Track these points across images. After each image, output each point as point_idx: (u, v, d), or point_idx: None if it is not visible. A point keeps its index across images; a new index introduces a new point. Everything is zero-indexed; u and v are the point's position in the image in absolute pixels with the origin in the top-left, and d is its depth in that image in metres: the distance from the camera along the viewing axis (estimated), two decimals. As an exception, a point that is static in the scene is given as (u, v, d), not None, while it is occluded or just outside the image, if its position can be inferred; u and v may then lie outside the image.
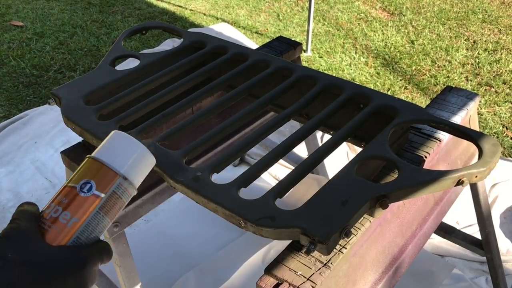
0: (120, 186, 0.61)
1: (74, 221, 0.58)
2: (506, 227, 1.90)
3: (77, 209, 0.58)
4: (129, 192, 0.62)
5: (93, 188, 0.59)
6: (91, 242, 0.59)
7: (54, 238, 0.57)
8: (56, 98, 1.11)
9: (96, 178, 0.59)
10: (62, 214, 0.58)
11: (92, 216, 0.59)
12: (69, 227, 0.57)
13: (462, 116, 1.13)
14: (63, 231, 0.57)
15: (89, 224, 0.59)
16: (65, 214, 0.57)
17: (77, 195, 0.58)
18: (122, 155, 0.62)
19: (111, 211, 0.60)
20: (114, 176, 0.60)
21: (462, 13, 3.66)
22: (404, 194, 0.80)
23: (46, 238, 0.57)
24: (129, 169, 0.61)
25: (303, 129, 0.95)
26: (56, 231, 0.57)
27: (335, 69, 2.99)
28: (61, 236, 0.57)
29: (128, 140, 0.63)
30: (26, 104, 2.67)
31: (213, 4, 3.95)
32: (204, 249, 1.77)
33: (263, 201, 0.78)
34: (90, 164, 0.61)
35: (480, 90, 2.76)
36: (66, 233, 0.57)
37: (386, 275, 0.95)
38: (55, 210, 0.58)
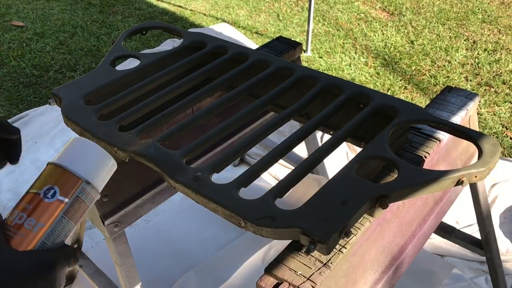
0: (84, 191, 0.61)
1: (39, 226, 0.58)
2: (505, 227, 1.90)
3: (42, 215, 0.58)
4: (92, 196, 0.63)
5: (57, 193, 0.59)
6: (57, 247, 0.59)
7: (20, 243, 0.57)
8: (56, 98, 1.11)
9: (59, 184, 0.60)
10: (27, 220, 0.58)
11: (57, 221, 0.59)
12: (34, 232, 0.58)
13: (462, 116, 1.13)
14: (28, 237, 0.57)
15: (55, 229, 0.59)
16: (30, 220, 0.58)
17: (41, 201, 0.59)
18: (83, 160, 0.62)
19: (75, 215, 0.61)
20: (77, 181, 0.61)
21: (461, 13, 3.67)
22: (404, 194, 0.80)
23: (12, 244, 0.57)
24: (91, 173, 0.62)
25: (303, 129, 0.95)
26: (21, 237, 0.57)
27: (335, 69, 2.99)
28: (26, 241, 0.57)
29: (89, 145, 0.64)
30: (26, 104, 2.67)
31: (213, 4, 3.95)
32: (204, 249, 1.77)
33: (263, 201, 0.78)
34: (52, 170, 0.61)
35: (479, 90, 2.76)
36: (31, 239, 0.58)
37: (386, 275, 0.96)
38: (19, 216, 0.58)
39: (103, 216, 1.13)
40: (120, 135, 0.96)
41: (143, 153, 0.90)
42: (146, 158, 0.89)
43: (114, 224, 1.15)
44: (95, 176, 0.63)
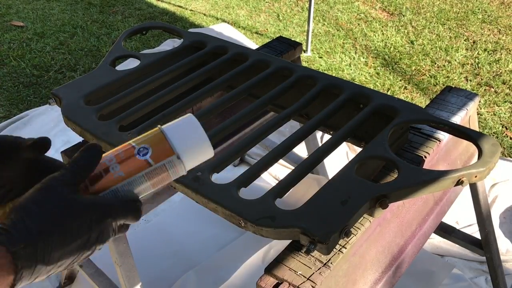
0: (171, 163, 0.66)
1: (120, 175, 0.63)
2: (505, 227, 1.90)
3: (127, 166, 0.64)
4: (178, 170, 0.67)
5: (148, 154, 0.65)
6: (126, 199, 0.63)
7: (97, 181, 0.62)
8: (56, 98, 1.11)
9: (154, 148, 0.65)
10: (113, 165, 0.63)
11: (136, 178, 0.64)
12: (114, 178, 0.63)
13: (462, 116, 1.13)
14: (107, 179, 0.63)
15: (131, 183, 0.64)
16: (115, 166, 0.63)
17: (132, 155, 0.64)
18: (185, 138, 0.67)
19: (154, 179, 0.66)
20: (170, 153, 0.65)
21: (461, 13, 3.67)
22: (404, 194, 0.80)
23: (89, 179, 0.62)
24: (186, 152, 0.66)
25: (303, 129, 0.95)
26: (102, 176, 0.63)
27: (335, 69, 2.99)
28: (103, 182, 0.62)
29: (198, 128, 0.68)
30: (26, 104, 2.67)
31: (213, 5, 3.96)
32: (204, 249, 1.77)
33: (263, 201, 0.79)
34: (155, 134, 0.66)
35: (479, 90, 2.76)
36: (108, 182, 0.63)
37: (386, 275, 0.96)
38: (109, 159, 0.64)
39: (103, 216, 1.13)
40: (120, 135, 0.96)
41: (143, 153, 0.90)
42: (146, 158, 0.89)
43: (114, 224, 1.15)
44: (188, 156, 0.66)
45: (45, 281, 1.69)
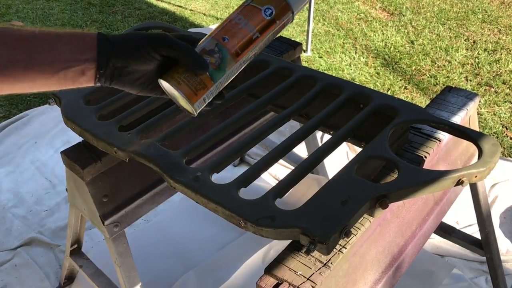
0: (288, 19, 0.75)
1: (257, 36, 0.74)
2: (505, 227, 1.90)
3: (258, 26, 0.74)
4: (288, 23, 0.76)
5: (273, 14, 0.73)
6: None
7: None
8: (56, 98, 1.11)
9: (276, 8, 0.74)
10: (244, 22, 0.74)
11: (267, 38, 0.76)
12: (249, 34, 0.74)
13: (462, 116, 1.13)
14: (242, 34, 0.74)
15: (260, 44, 0.76)
16: (245, 23, 0.74)
17: (260, 14, 0.73)
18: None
19: (275, 36, 0.77)
20: (288, 11, 0.74)
21: (462, 13, 3.67)
22: (404, 194, 0.80)
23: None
24: (296, 6, 0.75)
25: (303, 129, 0.95)
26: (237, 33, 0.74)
27: (335, 69, 2.99)
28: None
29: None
30: (26, 104, 2.67)
31: (213, 4, 3.95)
32: (204, 249, 1.77)
33: (263, 201, 0.78)
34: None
35: (479, 90, 2.76)
36: (243, 38, 0.74)
37: (386, 275, 0.96)
38: (238, 18, 0.74)
39: (103, 216, 1.13)
40: (120, 135, 0.96)
41: (143, 153, 0.90)
42: (146, 158, 0.89)
43: (114, 224, 1.15)
44: (297, 10, 0.76)
45: (45, 281, 1.69)
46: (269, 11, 0.74)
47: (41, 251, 1.81)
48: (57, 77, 0.65)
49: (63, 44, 0.65)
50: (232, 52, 0.74)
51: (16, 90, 0.64)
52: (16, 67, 0.62)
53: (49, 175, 2.15)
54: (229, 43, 0.74)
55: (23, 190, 2.08)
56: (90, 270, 1.44)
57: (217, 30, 0.75)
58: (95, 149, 1.06)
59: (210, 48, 0.73)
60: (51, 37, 0.65)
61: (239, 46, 0.74)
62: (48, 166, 2.20)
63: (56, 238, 1.86)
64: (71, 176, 1.14)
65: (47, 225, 1.90)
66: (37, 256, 1.79)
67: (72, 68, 0.66)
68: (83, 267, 1.45)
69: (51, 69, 0.64)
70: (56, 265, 1.76)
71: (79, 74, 0.67)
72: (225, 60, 0.74)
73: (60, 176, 2.13)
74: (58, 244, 1.82)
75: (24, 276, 1.71)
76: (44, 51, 0.64)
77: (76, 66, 0.66)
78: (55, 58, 0.64)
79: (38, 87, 0.65)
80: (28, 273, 1.72)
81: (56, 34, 0.65)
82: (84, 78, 0.68)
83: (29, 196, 2.04)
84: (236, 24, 0.74)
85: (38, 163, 2.22)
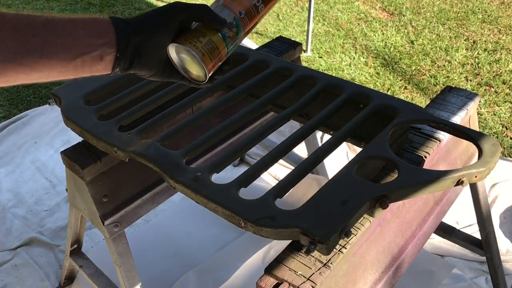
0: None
1: (262, 12, 0.78)
2: (505, 227, 1.90)
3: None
4: None
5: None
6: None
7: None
8: (56, 98, 1.11)
9: None
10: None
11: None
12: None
13: (462, 116, 1.13)
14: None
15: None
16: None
17: None
18: None
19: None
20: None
21: (461, 13, 3.67)
22: (404, 194, 0.80)
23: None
24: None
25: (303, 129, 0.95)
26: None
27: (335, 69, 2.99)
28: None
29: None
30: (26, 104, 2.67)
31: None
32: (204, 249, 1.77)
33: (263, 201, 0.78)
34: None
35: (479, 90, 2.76)
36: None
37: (386, 275, 0.96)
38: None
39: (103, 216, 1.13)
40: (120, 135, 0.96)
41: (143, 153, 0.90)
42: (146, 158, 0.89)
43: (114, 224, 1.15)
44: None
45: (45, 281, 1.69)
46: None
47: (41, 251, 1.81)
48: (74, 64, 0.64)
49: (78, 29, 0.64)
50: (246, 29, 0.77)
51: (32, 79, 0.63)
52: (32, 55, 0.60)
53: (49, 175, 2.15)
54: (244, 19, 0.76)
55: (23, 190, 2.08)
56: (90, 270, 1.44)
57: (230, 2, 0.76)
58: (95, 149, 1.06)
59: (229, 21, 0.75)
60: (65, 23, 0.63)
61: (250, 24, 0.77)
62: (48, 166, 2.20)
63: (56, 238, 1.86)
64: (71, 176, 1.14)
65: (47, 225, 1.90)
66: (37, 256, 1.79)
67: (90, 53, 0.64)
68: (83, 267, 1.45)
69: (68, 56, 0.63)
70: (56, 265, 1.76)
71: (97, 59, 0.66)
72: (239, 35, 0.76)
73: (60, 176, 2.13)
74: (58, 244, 1.82)
75: (24, 276, 1.71)
76: (60, 37, 0.62)
77: (94, 51, 0.65)
78: (72, 44, 0.63)
79: (55, 75, 0.64)
80: (28, 273, 1.72)
81: (70, 19, 0.64)
82: (102, 64, 0.67)
83: (29, 196, 2.04)
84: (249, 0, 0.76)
85: (38, 163, 2.22)
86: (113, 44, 0.66)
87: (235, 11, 0.75)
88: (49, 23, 0.62)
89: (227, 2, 0.76)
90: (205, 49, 0.73)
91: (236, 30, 0.75)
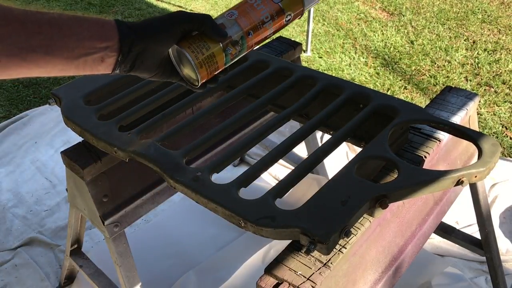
0: (298, 15, 0.81)
1: (270, 37, 0.80)
2: (505, 227, 1.90)
3: (276, 27, 0.79)
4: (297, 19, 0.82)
5: (291, 17, 0.80)
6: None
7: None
8: (56, 98, 1.11)
9: (293, 12, 0.80)
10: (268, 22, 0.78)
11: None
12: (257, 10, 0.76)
13: (462, 116, 1.13)
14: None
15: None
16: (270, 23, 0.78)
17: (283, 17, 0.79)
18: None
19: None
20: (301, 7, 0.81)
21: (461, 13, 3.67)
22: (404, 194, 0.80)
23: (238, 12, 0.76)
24: (309, 5, 0.82)
25: (303, 129, 0.95)
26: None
27: (335, 69, 2.99)
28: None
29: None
30: (26, 104, 2.67)
31: (213, 4, 3.96)
32: (204, 249, 1.77)
33: (263, 201, 0.79)
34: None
35: (479, 90, 2.76)
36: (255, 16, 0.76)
37: (386, 275, 0.96)
38: (266, 16, 0.77)
39: (103, 216, 1.13)
40: (120, 135, 0.96)
41: (143, 153, 0.90)
42: (146, 158, 0.89)
43: (114, 224, 1.15)
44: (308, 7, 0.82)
45: (45, 281, 1.69)
46: (289, 17, 0.79)
47: (41, 251, 1.81)
48: (77, 63, 0.65)
49: (83, 30, 0.65)
50: (249, 48, 0.78)
51: (33, 74, 0.64)
52: (37, 52, 0.61)
53: (49, 175, 2.15)
54: (251, 40, 0.77)
55: (23, 190, 2.08)
56: (90, 270, 1.44)
57: (243, 19, 0.76)
58: (95, 149, 1.06)
59: (235, 40, 0.75)
60: (71, 23, 0.64)
61: (256, 44, 0.78)
62: (48, 166, 2.20)
63: (56, 238, 1.86)
64: (71, 176, 1.14)
65: (47, 225, 1.90)
66: (37, 256, 1.79)
67: (92, 55, 0.66)
68: (83, 267, 1.45)
69: (71, 55, 0.64)
70: (56, 265, 1.76)
71: (98, 61, 0.67)
72: (242, 52, 0.77)
73: (60, 176, 2.13)
74: (58, 244, 1.82)
75: (24, 276, 1.72)
76: (65, 36, 0.63)
77: (97, 54, 0.66)
78: (75, 45, 0.64)
79: (56, 72, 0.65)
80: (28, 273, 1.72)
81: (76, 19, 0.65)
82: (103, 65, 0.68)
83: (29, 196, 2.04)
84: (262, 22, 0.77)
85: (38, 163, 2.22)
86: (116, 49, 0.67)
87: (244, 30, 0.75)
88: (55, 21, 0.63)
89: (239, 18, 0.76)
90: (203, 58, 0.74)
91: (240, 48, 0.76)
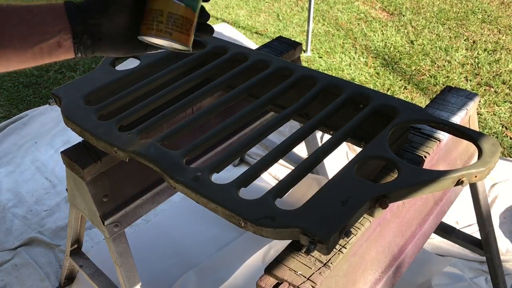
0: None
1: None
2: (505, 227, 1.90)
3: None
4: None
5: None
6: None
7: None
8: (56, 98, 1.11)
9: None
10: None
11: None
12: None
13: (462, 116, 1.13)
14: None
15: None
16: None
17: None
18: None
19: None
20: None
21: (461, 13, 3.67)
22: (404, 194, 0.80)
23: None
24: None
25: (303, 129, 0.95)
26: None
27: (335, 69, 2.99)
28: None
29: None
30: (26, 104, 2.67)
31: (213, 4, 3.96)
32: (204, 249, 1.77)
33: (263, 201, 0.79)
34: None
35: (479, 90, 2.76)
36: None
37: (386, 275, 0.96)
38: None
39: (103, 216, 1.13)
40: (120, 135, 0.96)
41: (143, 153, 0.90)
42: (146, 158, 0.89)
43: (114, 224, 1.15)
44: None
45: (45, 281, 1.69)
46: None
47: (41, 251, 1.81)
48: (32, 52, 0.63)
49: (33, 17, 0.63)
50: None
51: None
52: None
53: (49, 175, 2.15)
54: None
55: (23, 190, 2.08)
56: (90, 270, 1.44)
57: None
58: (95, 149, 1.06)
59: None
60: (20, 11, 0.62)
61: None
62: (48, 166, 2.20)
63: (56, 238, 1.86)
64: (71, 176, 1.14)
65: (47, 225, 1.90)
66: (37, 256, 1.79)
67: (47, 41, 0.64)
68: (83, 267, 1.45)
69: (25, 44, 0.62)
70: (56, 265, 1.76)
71: (55, 46, 0.65)
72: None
73: (60, 176, 2.13)
74: (58, 244, 1.82)
75: (24, 276, 1.72)
76: (15, 25, 0.61)
77: (51, 39, 0.64)
78: (27, 32, 0.62)
79: (14, 65, 0.63)
80: (28, 273, 1.72)
81: (25, 7, 0.63)
82: (61, 50, 0.66)
83: (29, 196, 2.04)
84: None
85: (38, 163, 2.22)
86: (69, 30, 0.65)
87: None
88: (3, 11, 0.61)
89: None
90: (170, 26, 0.69)
91: None
